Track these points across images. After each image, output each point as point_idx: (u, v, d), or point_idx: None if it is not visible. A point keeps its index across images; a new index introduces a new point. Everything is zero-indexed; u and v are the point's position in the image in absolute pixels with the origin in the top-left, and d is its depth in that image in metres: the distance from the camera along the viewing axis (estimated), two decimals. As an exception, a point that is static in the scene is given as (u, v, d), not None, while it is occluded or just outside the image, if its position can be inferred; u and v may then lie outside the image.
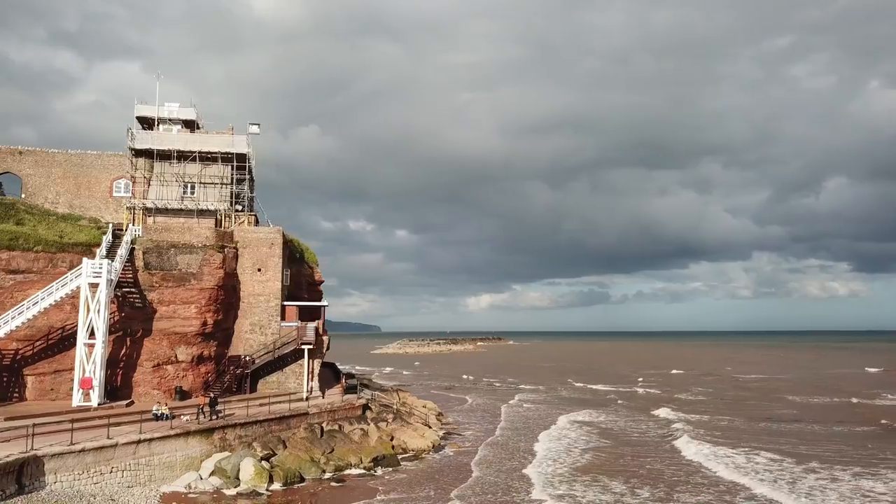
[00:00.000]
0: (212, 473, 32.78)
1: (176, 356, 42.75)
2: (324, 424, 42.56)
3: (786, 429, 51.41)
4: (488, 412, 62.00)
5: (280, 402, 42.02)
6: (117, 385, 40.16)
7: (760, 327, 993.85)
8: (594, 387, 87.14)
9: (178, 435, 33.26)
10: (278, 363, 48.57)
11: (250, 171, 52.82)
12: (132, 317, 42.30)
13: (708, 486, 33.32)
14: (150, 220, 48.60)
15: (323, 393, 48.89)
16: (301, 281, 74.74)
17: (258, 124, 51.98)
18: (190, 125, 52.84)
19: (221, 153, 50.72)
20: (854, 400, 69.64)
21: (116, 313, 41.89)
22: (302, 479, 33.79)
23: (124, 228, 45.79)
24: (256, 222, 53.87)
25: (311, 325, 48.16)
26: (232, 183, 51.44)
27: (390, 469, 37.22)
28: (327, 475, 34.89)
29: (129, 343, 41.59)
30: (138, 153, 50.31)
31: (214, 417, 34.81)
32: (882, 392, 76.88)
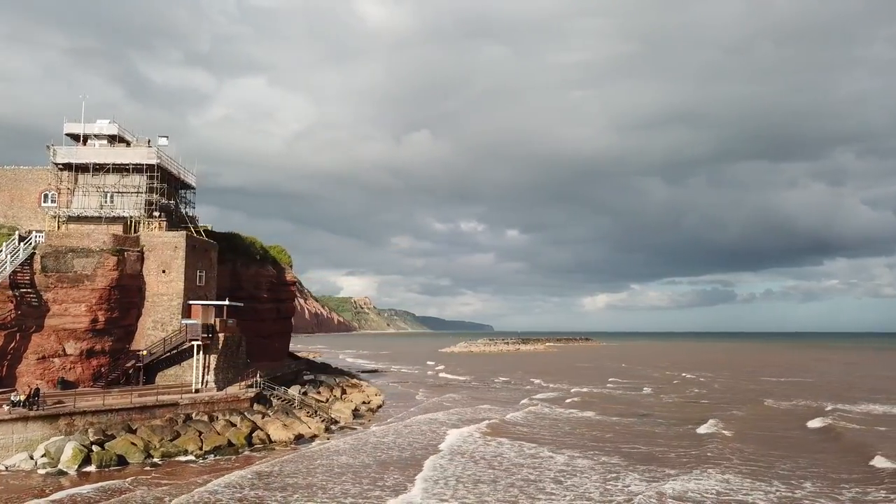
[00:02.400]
0: (43, 455, 36.73)
1: (64, 350, 47.36)
2: (193, 414, 45.97)
3: (667, 432, 50.68)
4: (410, 407, 63.90)
5: (148, 395, 45.65)
6: (2, 376, 45.03)
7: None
8: (555, 384, 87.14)
9: (15, 419, 37.37)
10: (177, 358, 52.48)
11: (164, 180, 57.09)
12: (27, 314, 47.19)
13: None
14: (63, 227, 53.63)
15: (219, 386, 52.30)
16: (261, 282, 78.80)
17: (167, 136, 56.53)
18: (113, 139, 57.73)
19: (133, 164, 55.22)
20: (768, 402, 66.82)
21: (13, 311, 46.89)
22: (124, 463, 37.16)
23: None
24: (184, 226, 58.17)
25: (201, 322, 51.70)
26: (147, 192, 55.79)
27: (230, 458, 40.08)
28: (153, 460, 38.12)
29: (18, 338, 46.49)
30: (65, 167, 55.59)
31: (36, 408, 38.30)
32: (847, 397, 72.80)
